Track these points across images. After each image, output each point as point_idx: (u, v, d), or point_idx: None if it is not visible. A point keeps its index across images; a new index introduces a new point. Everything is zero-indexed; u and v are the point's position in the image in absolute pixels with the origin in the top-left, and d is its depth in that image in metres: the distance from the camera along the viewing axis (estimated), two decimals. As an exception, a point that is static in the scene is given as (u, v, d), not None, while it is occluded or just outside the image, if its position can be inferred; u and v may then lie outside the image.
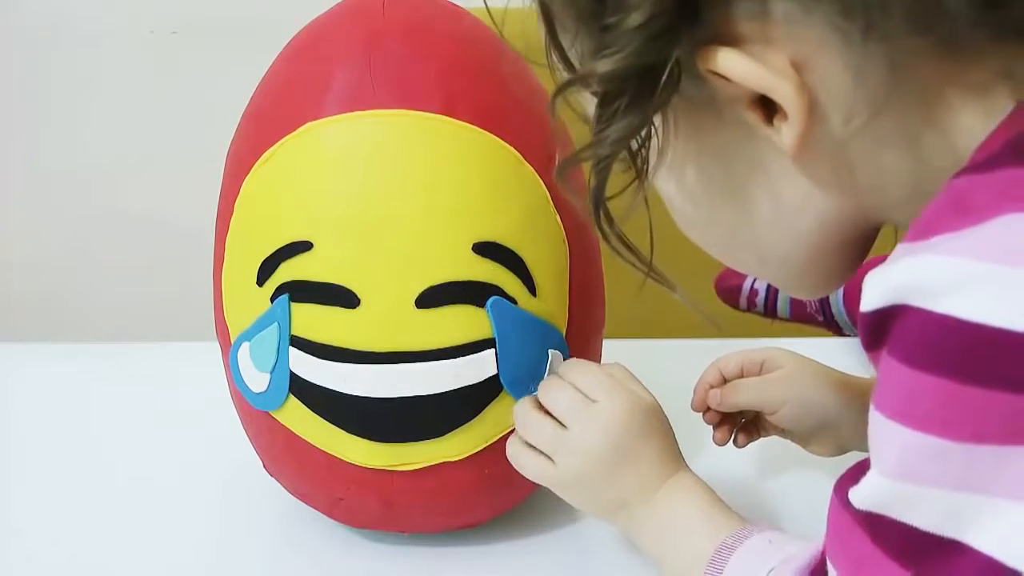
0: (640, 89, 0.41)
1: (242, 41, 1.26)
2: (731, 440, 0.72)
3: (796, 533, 0.55)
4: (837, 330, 1.03)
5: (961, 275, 0.36)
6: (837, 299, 1.06)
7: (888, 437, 0.39)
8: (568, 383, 0.62)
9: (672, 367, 0.71)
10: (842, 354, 0.73)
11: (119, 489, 0.78)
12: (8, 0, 1.59)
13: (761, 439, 0.73)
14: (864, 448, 0.41)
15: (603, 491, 0.61)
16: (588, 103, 0.44)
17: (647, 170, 0.45)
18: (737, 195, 0.46)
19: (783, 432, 0.71)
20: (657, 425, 0.61)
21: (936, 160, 0.41)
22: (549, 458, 0.61)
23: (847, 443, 0.69)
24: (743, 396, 0.70)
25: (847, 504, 0.42)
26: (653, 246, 0.47)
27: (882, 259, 0.40)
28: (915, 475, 0.38)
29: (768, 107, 0.42)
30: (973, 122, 0.40)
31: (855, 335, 0.98)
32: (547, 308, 0.65)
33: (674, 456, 0.61)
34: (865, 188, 0.44)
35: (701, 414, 0.72)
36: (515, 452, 0.63)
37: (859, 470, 0.42)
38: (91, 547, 0.72)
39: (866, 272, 0.40)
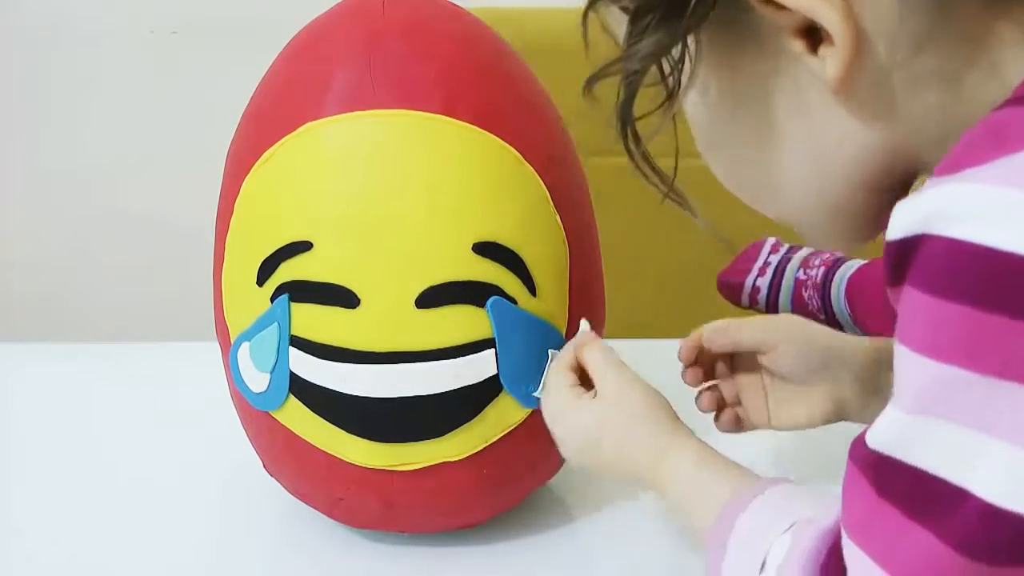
0: (671, 6, 0.41)
1: (242, 41, 1.26)
2: (722, 425, 0.69)
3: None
4: (839, 329, 1.03)
5: (987, 201, 0.36)
6: (839, 297, 1.06)
7: (914, 371, 0.38)
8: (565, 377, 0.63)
9: (671, 368, 0.71)
10: (843, 353, 0.72)
11: (119, 489, 0.78)
12: (8, 0, 1.59)
13: (764, 439, 0.71)
14: (863, 419, 0.40)
15: (608, 468, 0.61)
16: (619, 26, 0.44)
17: (678, 92, 0.44)
18: (773, 129, 0.46)
19: (780, 380, 0.68)
20: (637, 412, 0.61)
21: (979, 95, 0.41)
22: None
23: (846, 402, 0.65)
24: (743, 334, 0.68)
25: (857, 456, 0.41)
26: (677, 169, 0.47)
27: None
28: (934, 408, 0.38)
29: (812, 37, 0.42)
30: (1019, 56, 0.40)
31: (857, 334, 0.98)
32: (547, 308, 0.65)
33: (661, 431, 0.60)
34: (904, 124, 0.43)
35: (683, 370, 0.70)
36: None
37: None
38: (91, 547, 0.72)
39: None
